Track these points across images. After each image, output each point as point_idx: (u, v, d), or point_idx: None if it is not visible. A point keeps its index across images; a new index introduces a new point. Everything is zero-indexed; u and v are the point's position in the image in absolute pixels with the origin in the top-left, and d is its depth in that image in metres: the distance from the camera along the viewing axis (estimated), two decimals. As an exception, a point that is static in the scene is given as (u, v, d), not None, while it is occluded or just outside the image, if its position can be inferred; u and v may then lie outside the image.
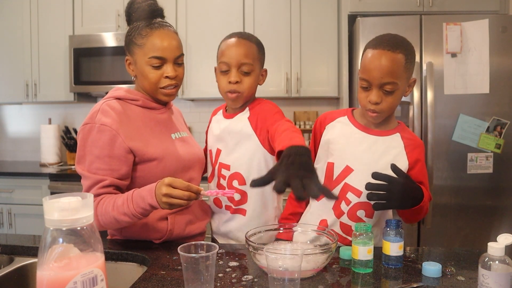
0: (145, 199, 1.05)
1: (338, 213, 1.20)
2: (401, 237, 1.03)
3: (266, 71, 1.35)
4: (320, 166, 1.27)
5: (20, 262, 1.15)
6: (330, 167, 1.22)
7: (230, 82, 1.25)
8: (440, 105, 2.27)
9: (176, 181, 1.03)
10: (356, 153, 1.20)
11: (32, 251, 1.19)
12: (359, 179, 1.16)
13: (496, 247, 0.81)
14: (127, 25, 1.27)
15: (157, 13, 1.26)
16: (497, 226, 2.28)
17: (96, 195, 1.12)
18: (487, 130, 2.26)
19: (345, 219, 1.20)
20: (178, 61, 1.24)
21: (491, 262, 0.81)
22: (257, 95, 1.38)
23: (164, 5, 1.29)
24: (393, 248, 1.01)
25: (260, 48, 1.31)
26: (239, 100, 1.29)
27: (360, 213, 1.19)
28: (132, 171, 1.19)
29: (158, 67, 1.20)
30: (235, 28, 2.92)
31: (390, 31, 2.25)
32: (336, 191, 1.19)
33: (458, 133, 2.28)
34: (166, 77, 1.21)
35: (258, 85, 1.35)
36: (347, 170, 1.19)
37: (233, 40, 1.27)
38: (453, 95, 2.27)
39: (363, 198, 1.15)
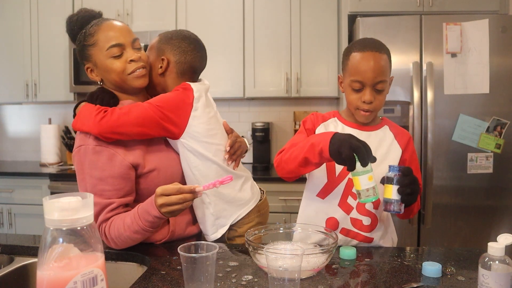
0: (150, 212, 1.05)
1: (347, 209, 1.22)
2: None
3: (166, 61, 1.26)
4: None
5: (20, 262, 1.15)
6: (331, 165, 1.24)
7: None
8: (440, 105, 2.27)
9: (167, 189, 1.02)
10: None
11: (32, 251, 1.19)
12: None
13: (496, 247, 0.81)
14: (73, 41, 1.25)
15: (98, 16, 1.25)
16: (497, 226, 2.28)
17: (105, 220, 1.12)
18: (487, 130, 2.26)
19: (354, 214, 1.22)
20: (136, 46, 1.22)
21: (491, 262, 0.81)
22: (257, 95, 1.37)
23: (164, 5, 1.29)
24: (395, 191, 1.03)
25: (163, 40, 1.28)
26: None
27: (369, 206, 1.21)
28: (135, 184, 1.18)
29: (119, 56, 1.18)
30: (235, 28, 2.93)
31: (390, 31, 2.28)
32: (340, 187, 1.22)
33: (458, 133, 2.27)
34: (131, 61, 1.19)
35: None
36: None
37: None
38: (453, 95, 2.27)
39: None
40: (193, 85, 1.24)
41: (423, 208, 2.28)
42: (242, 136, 1.39)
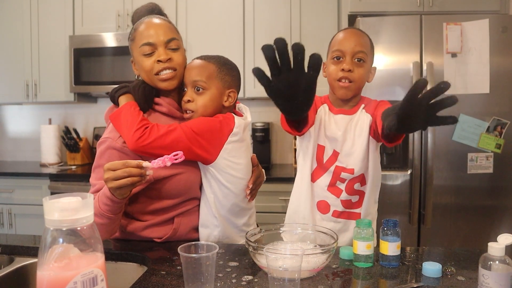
0: (105, 193, 1.04)
1: (337, 193, 1.29)
2: (398, 237, 1.04)
3: (235, 94, 1.27)
4: (308, 144, 1.30)
5: (20, 262, 1.15)
6: (320, 150, 1.31)
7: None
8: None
9: (114, 163, 0.99)
10: (338, 136, 1.28)
11: (32, 251, 1.19)
12: (347, 158, 1.28)
13: (496, 247, 0.82)
14: None
15: (155, 12, 1.27)
16: (497, 226, 2.28)
17: None
18: (487, 130, 2.26)
19: (344, 195, 1.29)
20: (171, 46, 1.20)
21: (491, 262, 0.82)
22: (257, 95, 1.37)
23: (164, 5, 1.29)
24: (391, 247, 1.02)
25: (224, 69, 1.26)
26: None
27: (357, 186, 1.29)
28: (160, 184, 1.18)
29: (149, 55, 1.18)
30: (236, 28, 2.92)
31: (390, 31, 2.28)
32: (328, 173, 1.30)
33: (458, 133, 2.27)
34: (159, 61, 1.18)
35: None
36: (335, 154, 1.29)
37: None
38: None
39: (357, 174, 1.27)
40: (236, 119, 1.23)
41: (423, 208, 2.28)
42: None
